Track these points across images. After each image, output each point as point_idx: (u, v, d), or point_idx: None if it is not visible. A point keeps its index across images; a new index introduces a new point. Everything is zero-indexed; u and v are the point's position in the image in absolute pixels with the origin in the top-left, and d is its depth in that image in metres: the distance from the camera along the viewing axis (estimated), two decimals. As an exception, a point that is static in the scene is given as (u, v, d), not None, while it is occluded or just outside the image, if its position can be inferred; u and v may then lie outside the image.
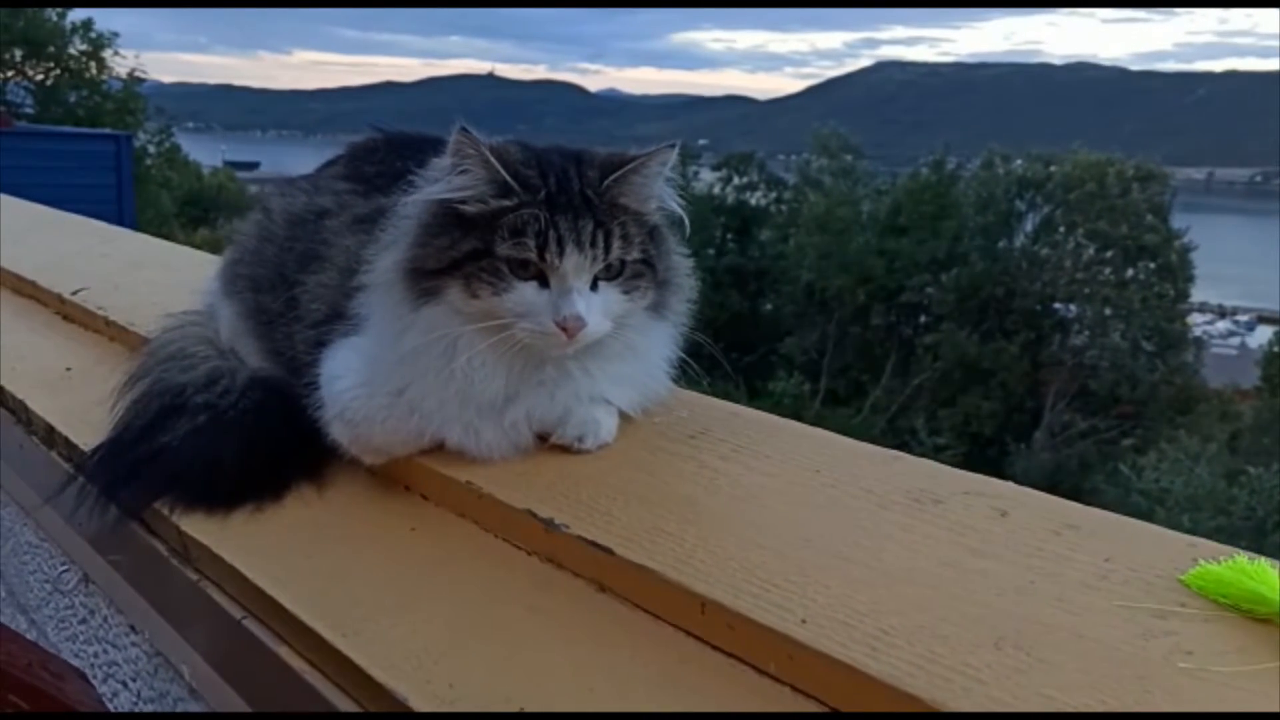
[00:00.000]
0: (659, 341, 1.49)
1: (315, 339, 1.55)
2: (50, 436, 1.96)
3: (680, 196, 1.43)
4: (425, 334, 1.36)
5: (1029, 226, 32.21)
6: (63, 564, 1.93)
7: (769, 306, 34.23)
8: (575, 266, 1.33)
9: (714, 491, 1.29)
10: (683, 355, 1.49)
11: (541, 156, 1.39)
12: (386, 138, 1.85)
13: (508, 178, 1.33)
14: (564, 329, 1.31)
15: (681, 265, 1.49)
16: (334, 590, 1.29)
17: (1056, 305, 31.71)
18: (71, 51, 28.36)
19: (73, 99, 28.33)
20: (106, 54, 28.76)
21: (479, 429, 1.41)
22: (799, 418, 1.53)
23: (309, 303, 1.61)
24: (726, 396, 1.61)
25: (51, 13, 27.57)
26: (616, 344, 1.41)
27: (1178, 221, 31.96)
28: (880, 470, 1.30)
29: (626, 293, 1.38)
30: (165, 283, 2.59)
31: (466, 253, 1.33)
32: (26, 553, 2.20)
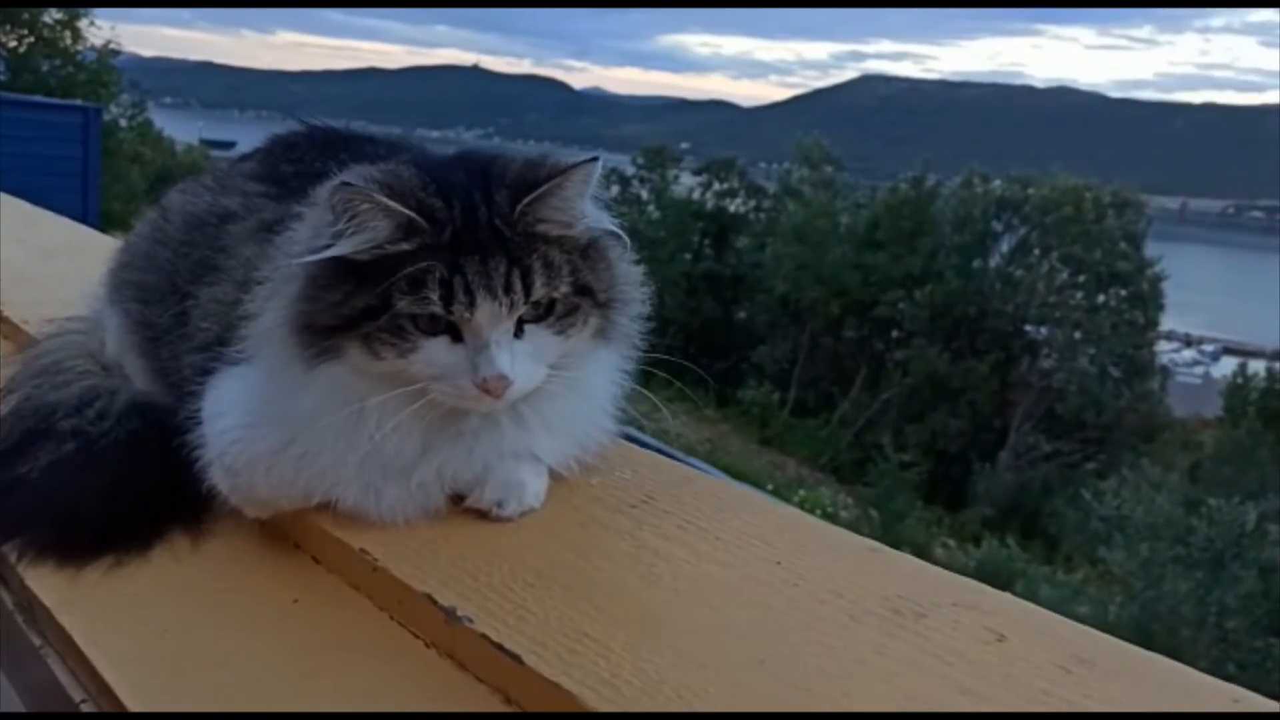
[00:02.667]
0: (604, 372, 1.27)
1: (201, 364, 1.32)
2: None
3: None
4: (324, 396, 1.15)
5: (1004, 247, 32.28)
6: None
7: (742, 314, 34.06)
8: (490, 317, 1.11)
9: (652, 582, 1.07)
10: (640, 376, 1.28)
11: (442, 179, 1.16)
12: (310, 132, 1.62)
13: (411, 214, 1.11)
14: (486, 390, 1.10)
15: (629, 276, 1.27)
16: (187, 680, 1.06)
17: (1027, 327, 31.80)
18: (46, 19, 27.79)
19: (45, 68, 27.74)
20: (82, 24, 28.22)
21: (380, 489, 1.19)
22: (767, 426, 1.31)
23: (199, 320, 1.38)
24: (694, 405, 1.37)
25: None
26: (554, 383, 1.19)
27: (1150, 250, 32.13)
28: (853, 566, 1.09)
29: (560, 332, 1.17)
30: (76, 276, 2.33)
31: (361, 310, 1.11)
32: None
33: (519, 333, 1.13)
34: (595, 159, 1.16)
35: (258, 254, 1.34)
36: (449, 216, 1.12)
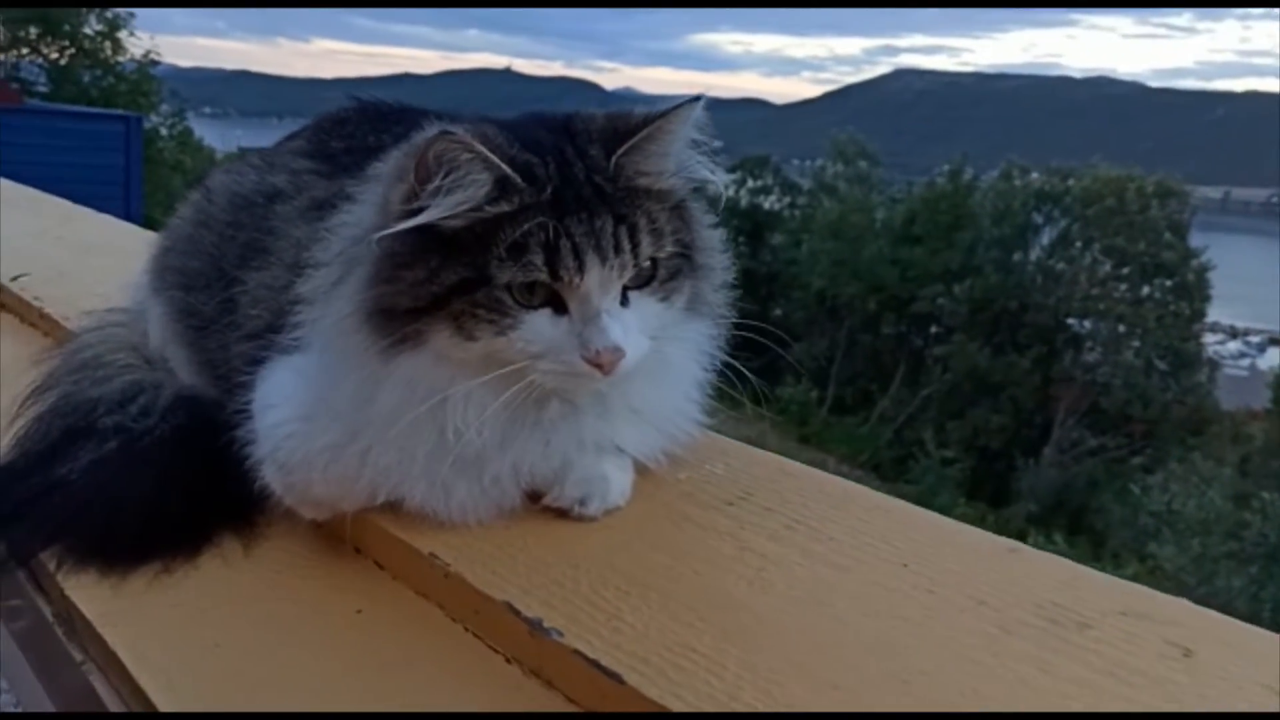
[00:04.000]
0: (696, 349, 1.15)
1: (251, 354, 1.21)
2: (-52, 451, 1.62)
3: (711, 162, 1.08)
4: (404, 390, 1.02)
5: (1045, 240, 31.79)
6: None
7: (779, 311, 33.79)
8: (600, 283, 0.99)
9: (764, 589, 0.94)
10: (728, 363, 1.15)
11: (527, 137, 1.04)
12: (360, 107, 1.50)
13: (509, 171, 0.99)
14: (598, 365, 0.98)
15: (713, 238, 1.15)
16: (240, 700, 0.95)
17: (1070, 320, 31.31)
18: (87, 31, 28.07)
19: (86, 79, 28.02)
20: (122, 35, 28.49)
21: (450, 485, 1.07)
22: (805, 424, 1.17)
23: (248, 307, 1.27)
24: (733, 403, 1.24)
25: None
26: (645, 362, 1.06)
27: (1194, 240, 31.55)
28: (993, 569, 0.96)
29: (664, 299, 1.05)
30: (116, 271, 2.25)
31: (452, 285, 0.99)
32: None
33: (623, 300, 1.01)
34: (698, 99, 1.04)
35: (309, 234, 1.23)
36: (546, 174, 1.00)
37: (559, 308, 1.00)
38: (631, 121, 1.05)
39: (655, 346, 1.05)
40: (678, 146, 1.05)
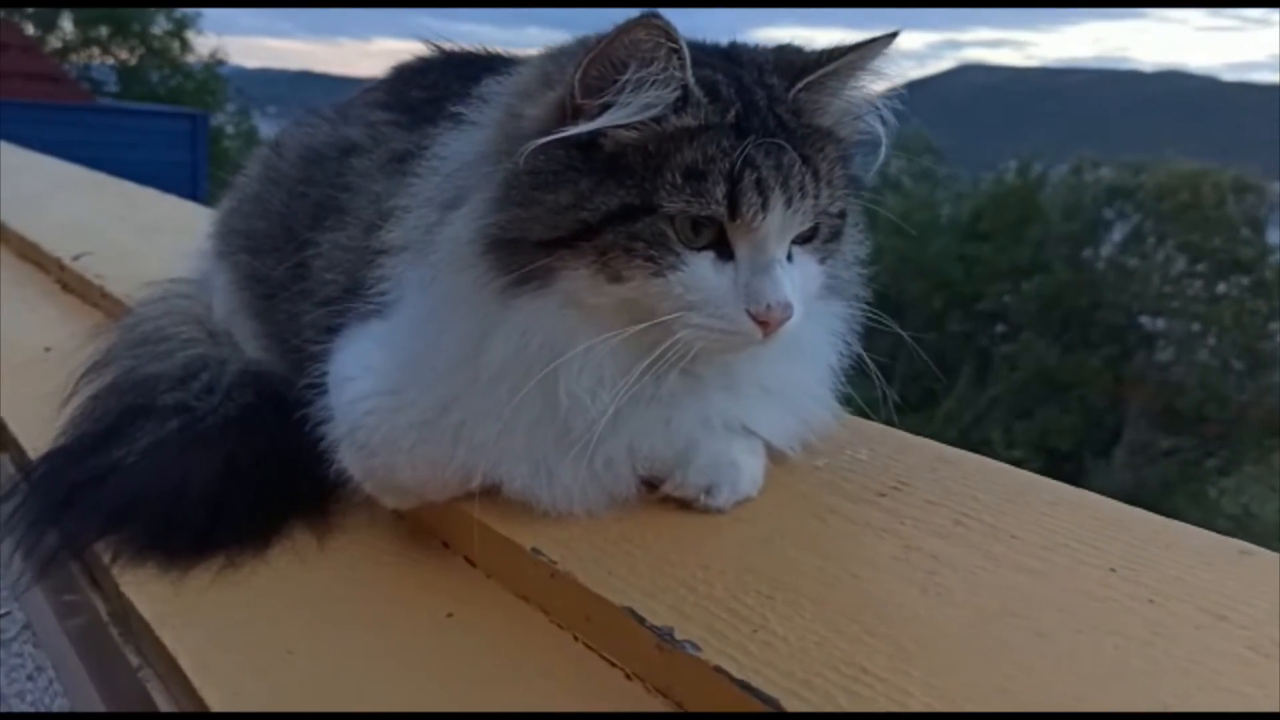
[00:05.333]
0: (829, 329, 1.00)
1: (326, 321, 1.08)
2: (3, 434, 1.52)
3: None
4: (517, 342, 0.87)
5: (1117, 236, 31.05)
6: (3, 605, 1.49)
7: (841, 309, 33.42)
8: (779, 227, 0.84)
9: (942, 598, 0.78)
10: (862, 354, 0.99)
11: (695, 60, 0.87)
12: (444, 54, 1.36)
13: (694, 87, 0.84)
14: (763, 322, 0.83)
15: (852, 213, 0.98)
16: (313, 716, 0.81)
17: (1142, 318, 30.57)
18: (155, 31, 28.54)
19: (155, 78, 28.50)
20: (189, 34, 28.95)
21: (555, 468, 0.92)
22: (874, 413, 1.01)
23: (322, 271, 1.14)
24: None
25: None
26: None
27: (1271, 236, 30.63)
28: (1225, 576, 0.78)
29: (823, 260, 0.91)
30: (179, 249, 2.15)
31: (608, 212, 0.83)
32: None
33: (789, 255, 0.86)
34: (894, 34, 0.88)
35: (388, 189, 1.09)
36: (729, 94, 0.85)
37: (724, 252, 0.84)
38: (808, 55, 0.90)
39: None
40: (861, 86, 0.89)
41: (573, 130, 0.82)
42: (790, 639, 0.75)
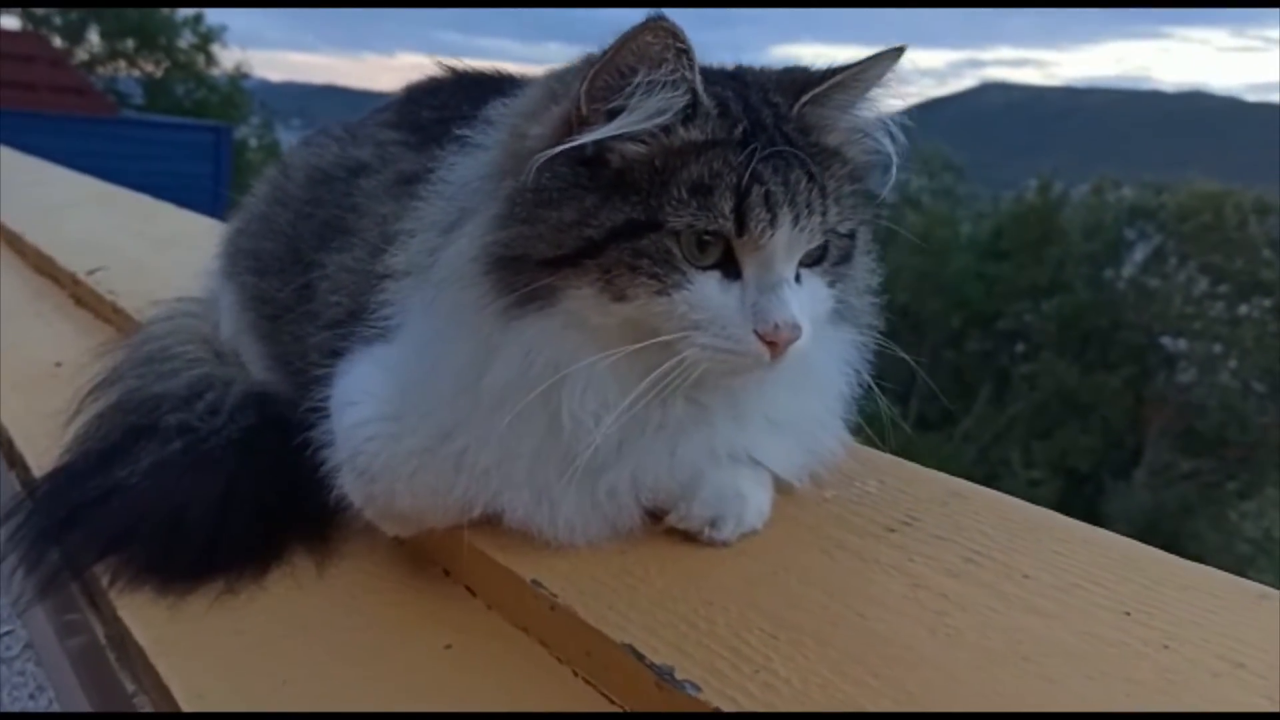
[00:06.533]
0: (840, 358, 0.98)
1: (330, 344, 1.06)
2: (11, 451, 1.51)
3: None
4: (519, 364, 0.85)
5: (1138, 256, 30.89)
6: (6, 624, 1.48)
7: (859, 326, 33.30)
8: (786, 245, 0.83)
9: (951, 639, 0.76)
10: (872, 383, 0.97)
11: (702, 71, 0.86)
12: (454, 75, 1.35)
13: (703, 96, 0.83)
14: (771, 343, 0.81)
15: (863, 237, 0.96)
16: (312, 754, 0.79)
17: (1163, 339, 30.37)
18: (181, 45, 28.83)
19: (180, 91, 28.77)
20: (214, 48, 29.23)
21: (558, 497, 0.90)
22: (886, 442, 0.98)
23: (327, 293, 1.13)
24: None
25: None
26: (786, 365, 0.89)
27: (1290, 259, 30.38)
28: (1242, 620, 0.76)
29: (832, 284, 0.89)
30: (194, 265, 2.16)
31: (613, 229, 0.82)
32: (-11, 591, 1.77)
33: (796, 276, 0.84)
34: (900, 50, 0.86)
35: (396, 211, 1.08)
36: (738, 111, 0.83)
37: (730, 271, 0.83)
38: (812, 72, 0.89)
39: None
40: (868, 104, 0.88)
41: (583, 138, 0.81)
42: (793, 681, 0.72)
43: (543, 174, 0.82)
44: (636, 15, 0.78)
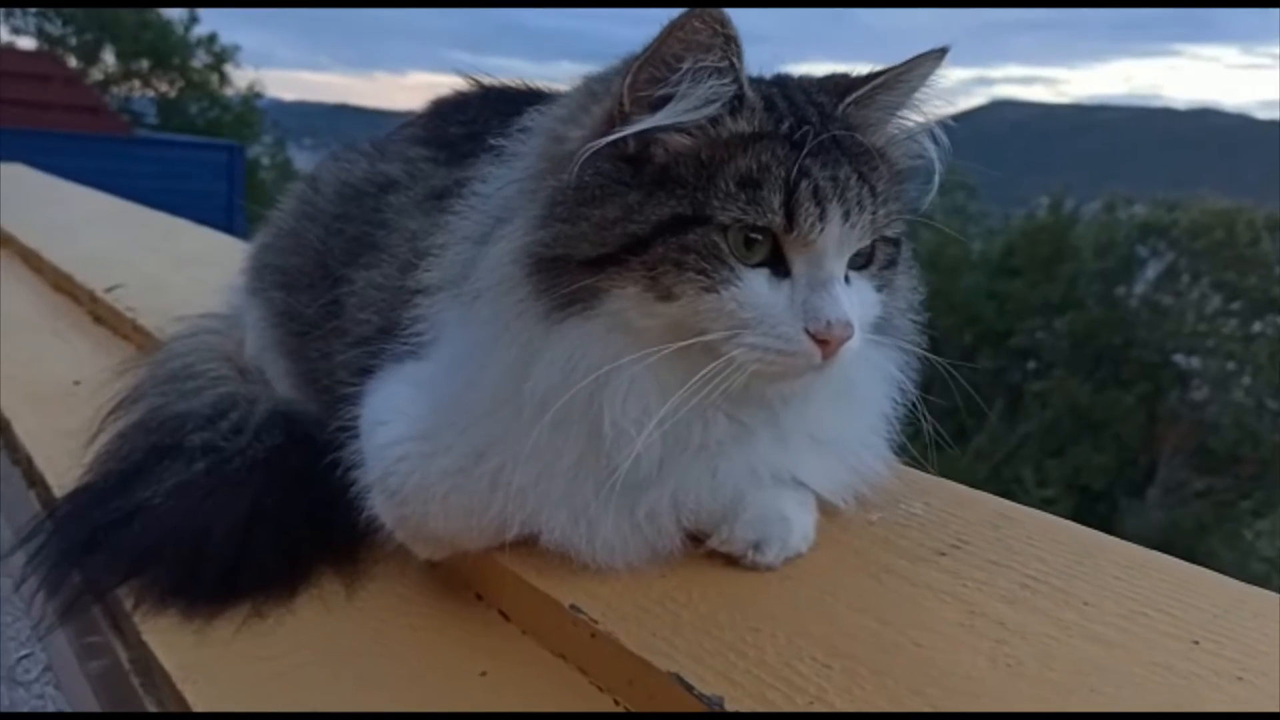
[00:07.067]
0: (884, 376, 0.95)
1: (359, 362, 1.04)
2: (30, 470, 1.49)
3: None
4: (562, 371, 0.82)
5: (1150, 273, 30.80)
6: (25, 647, 1.45)
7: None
8: (837, 241, 0.80)
9: (1012, 669, 0.73)
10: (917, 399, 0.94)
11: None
12: (482, 90, 1.33)
13: (748, 89, 0.81)
14: (822, 342, 0.78)
15: (906, 251, 0.95)
16: (345, 787, 0.76)
17: (1176, 357, 30.23)
18: (195, 65, 29.03)
19: (193, 110, 28.95)
20: (228, 67, 29.43)
21: (595, 518, 0.88)
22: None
23: (356, 310, 1.11)
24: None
25: (174, 17, 28.28)
26: (826, 382, 0.87)
27: (1303, 276, 30.26)
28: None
29: (880, 288, 0.87)
30: (212, 282, 2.14)
31: (659, 223, 0.79)
32: (4, 612, 1.74)
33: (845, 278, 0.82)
34: (943, 51, 0.84)
35: (426, 226, 1.06)
36: (785, 108, 0.82)
37: (779, 269, 0.80)
38: (855, 76, 0.88)
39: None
40: (911, 106, 0.86)
41: (633, 128, 0.79)
42: (850, 713, 0.69)
43: (584, 171, 0.80)
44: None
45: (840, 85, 0.87)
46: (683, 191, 0.79)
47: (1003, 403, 30.40)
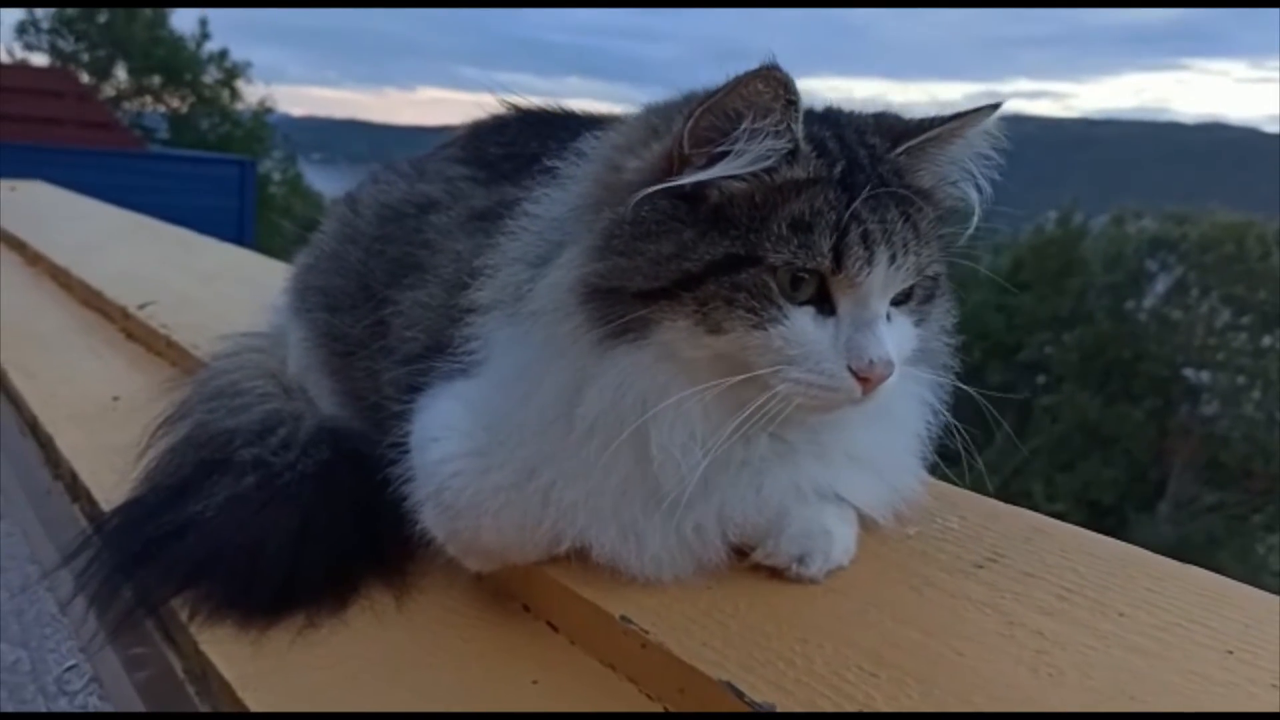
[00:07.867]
0: (918, 399, 0.99)
1: (407, 380, 1.07)
2: (74, 485, 1.53)
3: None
4: (612, 396, 0.85)
5: (1160, 287, 30.74)
6: (69, 658, 1.48)
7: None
8: (882, 282, 0.84)
9: (1053, 679, 0.75)
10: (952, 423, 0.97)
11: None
12: (520, 112, 1.36)
13: (801, 139, 0.84)
14: (864, 380, 0.81)
15: (943, 281, 0.97)
16: (408, 792, 0.79)
17: (1186, 371, 30.14)
18: (206, 80, 29.22)
19: (205, 126, 29.13)
20: (239, 83, 29.60)
21: (643, 532, 0.91)
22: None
23: (402, 329, 1.14)
24: None
25: (186, 33, 28.48)
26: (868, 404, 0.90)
27: (1313, 291, 30.17)
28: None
29: (919, 323, 0.90)
30: (241, 298, 2.18)
31: (712, 262, 0.83)
32: (48, 624, 1.77)
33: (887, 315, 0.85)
34: (997, 106, 0.88)
35: (470, 247, 1.09)
36: (836, 151, 0.85)
37: (825, 308, 0.84)
38: (909, 121, 0.91)
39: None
40: (963, 156, 0.89)
41: (689, 179, 0.82)
42: (899, 720, 0.72)
43: (641, 208, 0.84)
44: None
45: (894, 130, 0.90)
46: (736, 232, 0.82)
47: (1012, 417, 30.41)
